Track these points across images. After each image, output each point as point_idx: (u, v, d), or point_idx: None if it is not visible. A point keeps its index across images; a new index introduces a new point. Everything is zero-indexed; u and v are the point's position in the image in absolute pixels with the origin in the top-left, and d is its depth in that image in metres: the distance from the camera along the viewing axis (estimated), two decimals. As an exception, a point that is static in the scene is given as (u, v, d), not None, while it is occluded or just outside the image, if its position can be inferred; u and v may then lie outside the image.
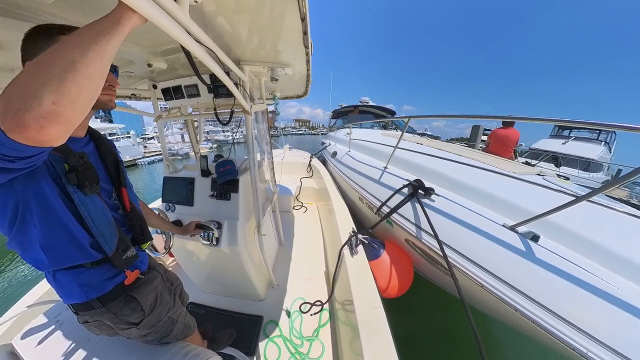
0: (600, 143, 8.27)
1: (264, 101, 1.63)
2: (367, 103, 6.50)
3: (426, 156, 2.20)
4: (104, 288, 0.73)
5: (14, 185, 0.55)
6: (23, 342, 0.95)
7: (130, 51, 1.02)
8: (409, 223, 1.65)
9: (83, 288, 0.70)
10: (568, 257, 1.11)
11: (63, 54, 0.37)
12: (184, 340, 1.01)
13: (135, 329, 0.82)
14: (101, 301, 0.73)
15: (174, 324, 0.94)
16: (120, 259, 0.74)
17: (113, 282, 0.74)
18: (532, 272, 1.10)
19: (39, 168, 0.58)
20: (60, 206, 0.62)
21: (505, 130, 3.86)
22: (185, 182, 1.53)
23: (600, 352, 0.84)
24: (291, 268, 2.16)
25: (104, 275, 0.73)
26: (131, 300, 0.78)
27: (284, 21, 0.82)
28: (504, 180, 1.65)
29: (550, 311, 0.97)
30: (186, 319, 1.04)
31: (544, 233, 1.22)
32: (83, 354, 0.92)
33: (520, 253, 1.17)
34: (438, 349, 2.17)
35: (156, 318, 0.85)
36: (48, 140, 0.39)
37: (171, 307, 0.93)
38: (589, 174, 7.46)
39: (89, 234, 0.68)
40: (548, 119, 1.22)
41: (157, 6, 0.43)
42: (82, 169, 0.65)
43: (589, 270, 1.03)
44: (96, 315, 0.76)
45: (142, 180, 12.32)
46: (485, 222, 1.38)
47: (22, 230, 0.60)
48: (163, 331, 0.90)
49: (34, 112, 0.35)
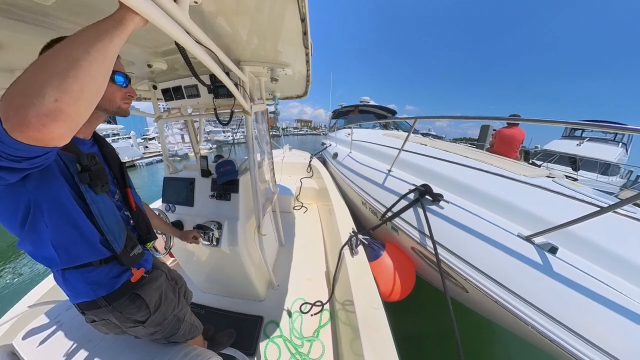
0: (617, 144, 7.42)
1: (264, 101, 1.63)
2: (367, 102, 6.48)
3: (431, 158, 2.10)
4: (112, 286, 0.74)
5: (25, 184, 0.55)
6: (24, 343, 0.95)
7: (130, 52, 1.02)
8: (415, 230, 1.59)
9: (92, 286, 0.72)
10: (590, 271, 1.02)
11: (66, 52, 0.37)
12: (189, 340, 1.01)
13: (141, 327, 0.83)
14: (107, 300, 0.74)
15: (180, 322, 0.95)
16: (127, 257, 0.76)
17: (120, 279, 0.76)
18: (550, 287, 1.01)
19: (51, 167, 0.59)
20: (72, 204, 0.64)
21: (511, 129, 3.77)
22: (186, 182, 1.53)
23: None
24: (291, 268, 2.16)
25: (111, 273, 0.74)
26: (136, 298, 0.79)
27: (284, 22, 0.81)
28: (515, 185, 1.55)
29: (572, 331, 0.90)
30: (192, 318, 1.05)
31: (562, 244, 1.14)
32: (84, 355, 0.92)
33: (537, 266, 1.08)
34: (439, 349, 2.16)
35: (162, 316, 0.86)
36: (51, 139, 0.38)
37: (176, 306, 0.94)
38: (609, 178, 6.69)
39: (99, 231, 0.69)
40: (553, 120, 1.16)
41: (157, 7, 0.43)
42: (95, 169, 0.67)
43: (614, 287, 0.95)
44: (103, 314, 0.77)
45: (142, 179, 12.32)
46: (499, 231, 1.30)
47: (33, 229, 0.60)
48: (170, 329, 0.91)
49: (35, 110, 0.34)
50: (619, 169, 7.14)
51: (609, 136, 7.93)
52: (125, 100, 0.71)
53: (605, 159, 6.90)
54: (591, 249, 1.12)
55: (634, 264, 1.03)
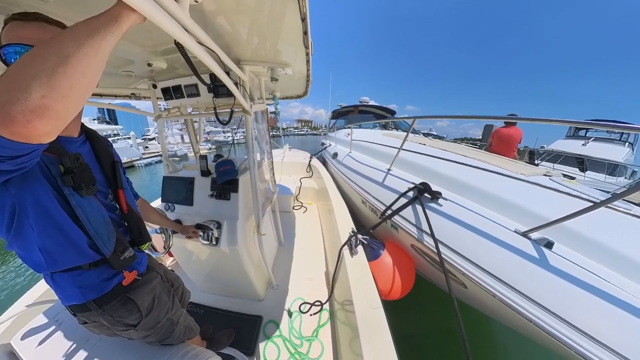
0: (623, 144, 7.17)
1: (264, 101, 1.63)
2: (367, 102, 6.48)
3: (431, 157, 2.14)
4: (102, 289, 0.72)
5: (8, 187, 0.54)
6: (22, 342, 0.95)
7: (130, 50, 1.02)
8: (414, 228, 1.60)
9: (81, 289, 0.70)
10: (585, 265, 1.05)
11: (56, 48, 0.36)
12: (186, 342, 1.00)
13: (133, 330, 0.81)
14: (97, 303, 0.72)
15: (174, 325, 0.93)
16: (118, 260, 0.74)
17: (111, 283, 0.74)
18: (547, 281, 1.04)
19: (33, 170, 0.57)
20: (56, 208, 0.62)
21: (508, 129, 3.78)
22: (185, 181, 1.53)
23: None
24: (291, 268, 2.16)
25: (101, 277, 0.73)
26: (127, 301, 0.77)
27: (284, 21, 0.82)
28: (513, 183, 1.59)
29: (569, 323, 0.92)
30: (187, 320, 1.03)
31: (558, 239, 1.16)
32: (82, 354, 0.92)
33: (534, 261, 1.11)
34: (438, 349, 2.16)
35: (154, 320, 0.84)
36: (36, 136, 0.37)
37: (170, 309, 0.91)
38: (616, 179, 6.40)
39: (86, 235, 0.67)
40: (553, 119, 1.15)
41: (157, 5, 0.43)
42: (78, 171, 0.64)
43: (608, 280, 0.98)
44: (93, 316, 0.75)
45: (142, 179, 12.29)
46: (496, 227, 1.32)
47: (19, 232, 0.59)
48: (163, 333, 0.89)
49: (20, 106, 0.34)
50: (625, 169, 6.82)
51: (614, 136, 7.64)
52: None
53: (613, 160, 6.58)
54: (586, 243, 1.15)
55: (628, 257, 1.06)
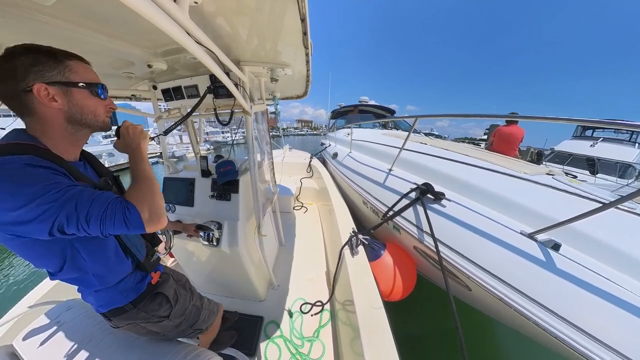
0: (633, 145, 6.86)
1: (264, 102, 1.63)
2: (366, 102, 6.47)
3: (432, 157, 2.09)
4: (139, 290, 0.83)
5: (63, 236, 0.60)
6: (24, 343, 0.95)
7: (130, 52, 1.02)
8: (416, 229, 1.58)
9: (124, 293, 0.80)
10: (595, 268, 1.02)
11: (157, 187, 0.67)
12: (210, 326, 1.15)
13: (167, 321, 0.91)
14: (133, 303, 0.82)
15: (199, 310, 1.07)
16: (149, 263, 0.87)
17: (144, 283, 0.85)
18: (555, 284, 1.01)
19: None
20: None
21: (509, 127, 3.71)
22: (186, 182, 1.53)
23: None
24: (291, 268, 2.16)
25: (136, 280, 0.83)
26: (157, 296, 0.88)
27: (284, 22, 0.82)
28: (516, 183, 1.55)
29: (576, 327, 0.90)
30: (210, 305, 1.17)
31: (565, 241, 1.13)
32: (85, 355, 0.92)
33: (540, 263, 1.08)
34: (439, 349, 2.16)
35: (182, 307, 0.96)
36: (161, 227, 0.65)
37: (191, 298, 1.04)
38: (627, 181, 6.12)
39: (127, 249, 0.78)
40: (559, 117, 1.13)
41: (157, 6, 0.43)
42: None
43: (619, 284, 0.95)
44: (129, 317, 0.83)
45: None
46: (502, 229, 1.30)
47: (73, 266, 0.65)
48: (192, 318, 1.02)
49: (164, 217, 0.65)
50: (635, 170, 6.65)
51: (623, 136, 7.29)
52: (107, 113, 0.71)
53: (625, 160, 6.32)
54: (594, 245, 1.11)
55: (638, 260, 1.02)
